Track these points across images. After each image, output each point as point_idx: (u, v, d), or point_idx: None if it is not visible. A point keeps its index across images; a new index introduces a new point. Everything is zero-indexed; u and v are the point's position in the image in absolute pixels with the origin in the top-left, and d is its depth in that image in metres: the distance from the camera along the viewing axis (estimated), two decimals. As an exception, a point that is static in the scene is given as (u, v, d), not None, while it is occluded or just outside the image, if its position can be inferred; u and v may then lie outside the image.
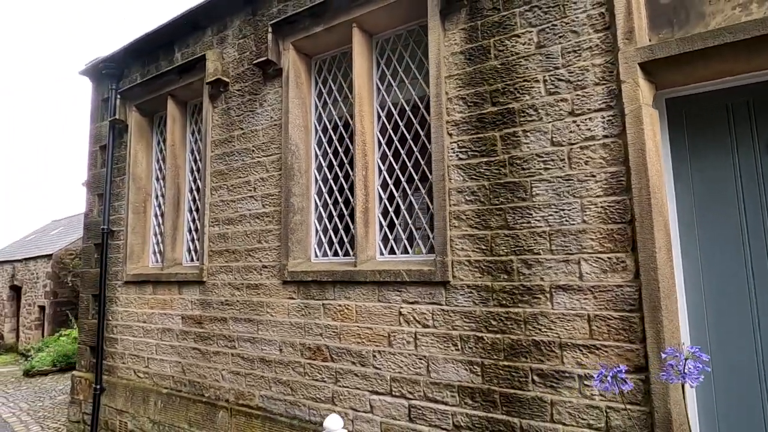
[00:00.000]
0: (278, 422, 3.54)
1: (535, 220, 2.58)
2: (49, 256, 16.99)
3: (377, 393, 3.07)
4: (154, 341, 4.65)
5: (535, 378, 2.50)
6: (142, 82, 5.05)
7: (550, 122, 2.59)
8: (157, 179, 5.32)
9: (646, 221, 2.24)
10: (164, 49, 5.04)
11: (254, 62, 3.98)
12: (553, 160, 2.56)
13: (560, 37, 2.61)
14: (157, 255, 5.17)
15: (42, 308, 17.21)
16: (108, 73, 5.41)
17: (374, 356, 3.12)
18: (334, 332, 3.33)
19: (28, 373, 10.07)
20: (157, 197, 5.29)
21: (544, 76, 2.64)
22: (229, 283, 4.06)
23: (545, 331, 2.50)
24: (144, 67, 5.28)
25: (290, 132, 3.77)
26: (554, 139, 2.57)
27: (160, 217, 5.21)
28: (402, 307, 3.03)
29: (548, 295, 2.51)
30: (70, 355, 10.16)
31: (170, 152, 4.87)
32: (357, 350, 3.20)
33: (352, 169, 3.61)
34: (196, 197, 4.82)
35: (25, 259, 18.94)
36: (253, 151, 4.05)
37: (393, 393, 3.00)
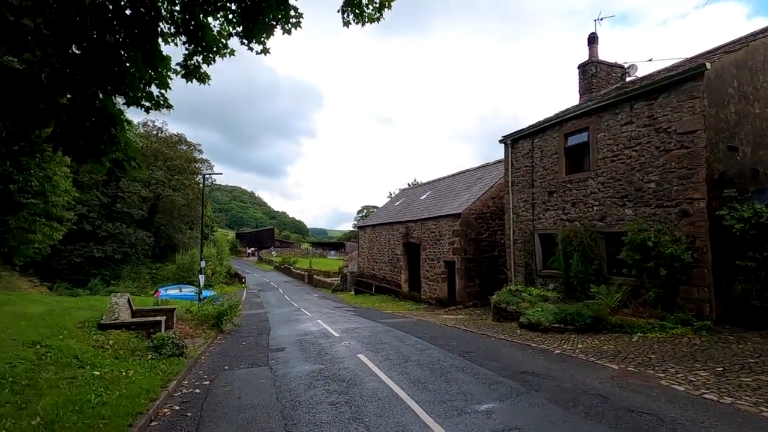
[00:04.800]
0: None
1: None
2: (455, 216, 18.23)
3: None
4: None
5: None
6: None
7: None
8: None
9: None
10: None
11: None
12: None
13: None
14: None
15: (448, 263, 18.90)
16: None
17: None
18: None
19: (538, 327, 9.76)
20: None
21: None
22: None
23: None
24: None
25: None
26: None
27: None
28: None
29: None
30: (574, 314, 9.29)
31: None
32: None
33: None
34: None
35: (422, 220, 21.45)
36: None
37: None
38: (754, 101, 9.60)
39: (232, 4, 4.74)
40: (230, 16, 4.87)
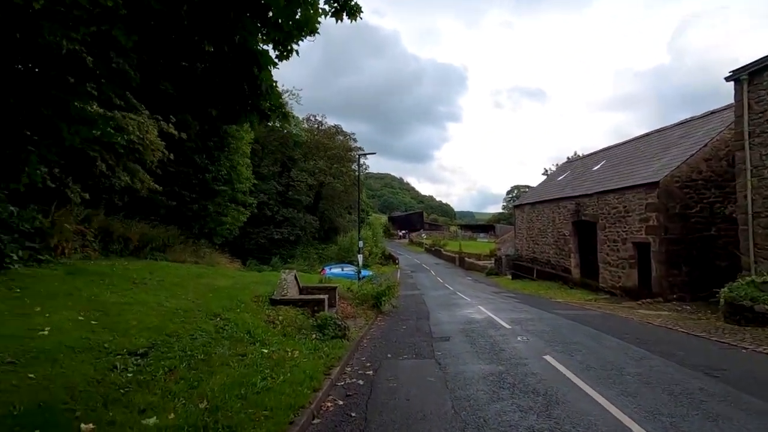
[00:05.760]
0: None
1: None
2: (649, 186, 14.45)
3: None
4: None
5: None
6: None
7: None
8: None
9: None
10: None
11: None
12: None
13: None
14: None
15: (639, 245, 15.20)
16: None
17: None
18: None
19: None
20: None
21: None
22: None
23: None
24: None
25: None
26: None
27: None
28: None
29: None
30: None
31: None
32: None
33: None
34: None
35: (599, 193, 17.87)
36: None
37: None
38: None
39: None
40: None
